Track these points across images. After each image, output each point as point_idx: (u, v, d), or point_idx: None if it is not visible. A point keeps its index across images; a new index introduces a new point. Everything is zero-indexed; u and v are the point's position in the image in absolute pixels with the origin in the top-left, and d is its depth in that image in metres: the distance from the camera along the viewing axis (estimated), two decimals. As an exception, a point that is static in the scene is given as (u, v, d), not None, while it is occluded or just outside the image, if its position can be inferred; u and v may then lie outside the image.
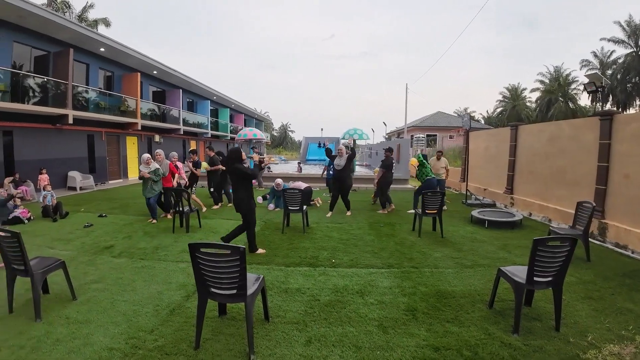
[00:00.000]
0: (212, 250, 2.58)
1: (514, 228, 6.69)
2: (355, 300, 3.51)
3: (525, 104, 44.02)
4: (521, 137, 8.83)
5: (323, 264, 4.58)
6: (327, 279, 4.07)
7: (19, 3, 9.74)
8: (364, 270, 4.36)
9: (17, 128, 11.20)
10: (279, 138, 72.22)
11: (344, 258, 4.81)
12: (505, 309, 3.35)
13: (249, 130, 14.33)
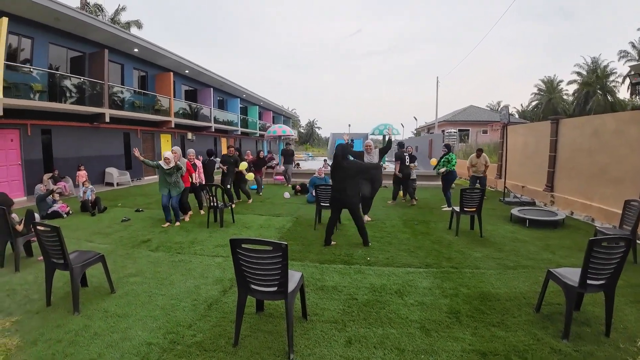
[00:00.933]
0: (253, 247, 2.53)
1: (556, 228, 6.30)
2: (395, 301, 3.38)
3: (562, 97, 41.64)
4: (562, 131, 8.30)
5: (358, 262, 4.46)
6: (364, 278, 3.96)
7: (55, 6, 10.16)
8: (401, 270, 4.21)
9: (55, 127, 11.73)
10: (305, 135, 72.51)
11: (379, 256, 4.67)
12: (553, 313, 3.13)
13: (278, 127, 14.42)
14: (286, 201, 9.01)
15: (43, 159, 11.31)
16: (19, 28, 10.41)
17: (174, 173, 6.30)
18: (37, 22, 10.94)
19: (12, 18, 9.67)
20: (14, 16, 9.93)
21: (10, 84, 9.58)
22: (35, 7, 9.85)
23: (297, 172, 13.48)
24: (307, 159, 27.31)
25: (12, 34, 10.21)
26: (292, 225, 6.42)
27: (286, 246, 2.40)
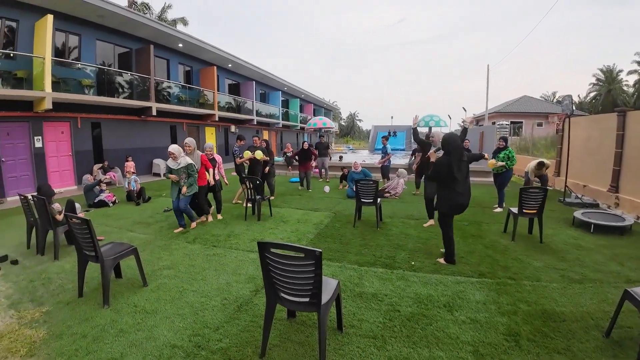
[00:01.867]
0: (283, 252, 2.27)
1: (623, 234, 5.44)
2: (443, 316, 2.96)
3: (622, 88, 37.26)
4: (630, 125, 7.19)
5: (401, 266, 4.06)
6: (407, 285, 3.56)
7: (98, 2, 10.51)
8: (450, 278, 3.74)
9: (105, 120, 12.30)
10: (346, 127, 71.82)
11: (425, 261, 4.22)
12: (624, 339, 2.60)
13: (318, 119, 14.17)
14: (325, 195, 8.73)
15: (93, 151, 11.95)
16: (65, 25, 10.94)
17: (183, 172, 5.36)
18: (83, 19, 11.42)
19: (58, 15, 10.16)
20: (60, 14, 10.41)
21: (59, 79, 10.14)
22: (78, 4, 10.27)
23: (339, 164, 13.09)
24: (348, 151, 26.81)
25: (59, 31, 10.80)
26: (331, 221, 6.12)
27: (320, 254, 2.10)
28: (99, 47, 12.37)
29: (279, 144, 27.26)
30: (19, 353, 2.54)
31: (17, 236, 5.53)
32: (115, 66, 13.12)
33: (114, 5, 11.13)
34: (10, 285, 3.75)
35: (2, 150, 9.29)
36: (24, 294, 3.55)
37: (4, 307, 3.27)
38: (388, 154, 9.75)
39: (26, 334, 2.77)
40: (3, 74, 8.99)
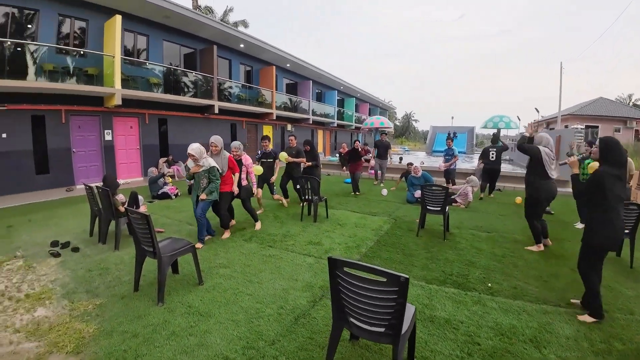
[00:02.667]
0: (358, 272, 1.94)
1: None
2: (531, 353, 2.45)
3: None
4: None
5: (476, 288, 3.53)
6: (485, 312, 3.05)
7: (163, 3, 11.02)
8: (535, 307, 3.16)
9: (171, 116, 12.97)
10: (401, 127, 69.83)
11: (503, 283, 3.65)
12: None
13: (375, 119, 13.69)
14: (383, 199, 8.29)
15: (159, 145, 12.68)
16: (134, 26, 11.63)
17: (204, 177, 4.57)
18: (150, 20, 12.07)
19: (126, 16, 10.79)
20: (127, 14, 11.05)
21: (128, 77, 10.81)
22: (146, 5, 10.83)
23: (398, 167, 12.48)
24: (403, 152, 25.85)
25: (128, 32, 11.47)
26: (391, 227, 5.70)
27: (407, 281, 1.76)
28: (165, 47, 13.06)
29: (333, 144, 27.11)
30: (65, 349, 2.50)
31: (81, 224, 5.83)
32: (181, 66, 13.79)
33: (179, 6, 11.64)
34: (67, 274, 3.86)
35: (74, 142, 10.13)
36: (80, 283, 3.61)
37: (58, 297, 3.31)
38: (455, 156, 9.02)
39: (76, 328, 2.75)
40: (76, 71, 9.75)
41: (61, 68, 9.39)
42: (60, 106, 9.69)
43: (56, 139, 9.70)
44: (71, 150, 10.05)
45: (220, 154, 4.95)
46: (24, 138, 9.08)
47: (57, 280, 3.69)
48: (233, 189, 5.04)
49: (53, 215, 6.61)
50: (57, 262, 4.20)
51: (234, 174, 5.10)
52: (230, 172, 5.03)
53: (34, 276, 3.79)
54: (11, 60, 8.41)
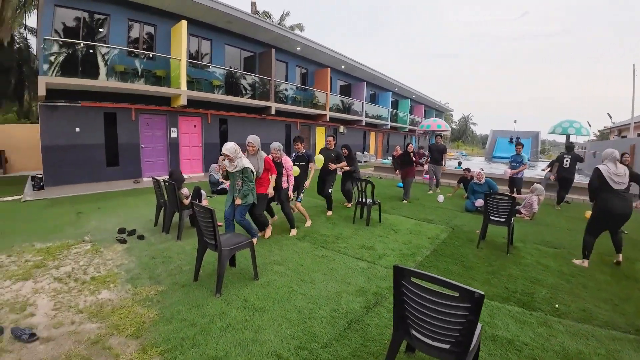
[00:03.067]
0: (426, 283, 1.84)
1: None
2: None
3: None
4: None
5: (542, 308, 3.22)
6: (551, 335, 2.77)
7: (226, 9, 11.58)
8: (603, 332, 2.82)
9: (231, 117, 13.65)
10: (458, 131, 66.71)
11: (571, 305, 3.30)
12: None
13: (432, 121, 13.15)
14: (439, 205, 7.92)
15: (219, 143, 13.37)
16: (198, 31, 12.35)
17: (238, 177, 4.41)
18: (214, 26, 12.75)
19: (191, 22, 11.50)
20: (193, 20, 11.77)
21: (193, 79, 11.53)
22: (210, 11, 11.47)
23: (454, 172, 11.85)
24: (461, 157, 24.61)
25: (192, 36, 12.23)
26: (448, 236, 5.42)
27: (481, 297, 1.63)
28: (227, 51, 13.74)
29: (385, 146, 26.64)
30: (125, 332, 2.64)
31: (147, 213, 6.28)
32: (241, 69, 14.41)
33: (241, 11, 12.17)
34: (132, 260, 4.13)
35: (142, 138, 11.02)
36: (144, 269, 3.84)
37: (123, 281, 3.54)
38: (524, 164, 8.26)
39: (137, 312, 2.91)
40: (145, 73, 10.60)
41: (131, 69, 10.28)
42: (131, 105, 10.60)
43: (126, 134, 10.65)
44: (139, 145, 10.96)
45: (257, 154, 4.75)
46: (97, 133, 10.07)
47: (122, 265, 3.98)
48: (268, 191, 4.78)
49: (121, 205, 7.22)
50: (123, 248, 4.54)
51: (271, 175, 4.83)
52: (267, 173, 4.78)
53: (101, 260, 4.12)
54: (84, 61, 9.33)
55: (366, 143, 23.86)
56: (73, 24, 9.85)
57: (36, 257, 4.14)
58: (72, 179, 9.61)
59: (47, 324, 2.75)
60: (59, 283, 3.48)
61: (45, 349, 2.43)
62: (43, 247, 4.49)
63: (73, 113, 9.57)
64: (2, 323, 2.72)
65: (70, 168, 9.56)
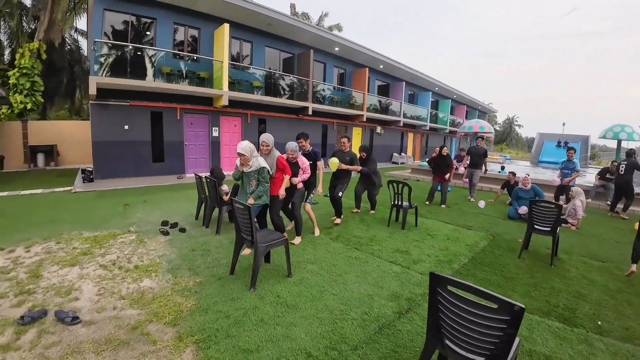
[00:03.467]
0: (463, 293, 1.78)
1: None
2: None
3: None
4: None
5: (584, 324, 3.02)
6: (591, 353, 2.59)
7: (268, 12, 11.83)
8: None
9: (269, 117, 13.97)
10: (501, 133, 63.57)
11: (614, 323, 3.07)
12: None
13: (474, 122, 12.58)
14: (479, 211, 7.58)
15: (258, 142, 13.72)
16: (240, 34, 12.71)
17: (253, 178, 4.13)
18: (255, 28, 13.06)
19: (233, 25, 11.85)
20: (235, 23, 12.14)
21: (234, 80, 11.91)
22: (252, 14, 11.78)
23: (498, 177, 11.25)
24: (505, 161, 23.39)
25: (234, 39, 12.63)
26: (488, 244, 5.18)
27: (522, 311, 1.55)
28: (267, 53, 14.06)
29: (423, 148, 25.98)
30: (163, 319, 2.77)
31: (189, 208, 6.56)
32: (280, 70, 14.67)
33: (281, 14, 12.39)
34: (174, 251, 4.35)
35: (186, 136, 11.55)
36: (184, 261, 4.02)
37: (164, 271, 3.73)
38: (577, 170, 7.68)
39: (176, 301, 3.06)
40: (188, 74, 11.10)
41: (177, 71, 10.79)
42: (176, 104, 11.15)
43: (171, 132, 11.21)
44: (183, 143, 11.50)
45: (271, 153, 4.52)
46: (144, 130, 10.69)
47: (164, 255, 4.20)
48: (279, 192, 4.45)
49: (164, 198, 7.60)
50: (165, 240, 4.78)
51: (285, 175, 4.54)
52: (280, 173, 4.51)
53: (144, 250, 4.37)
54: (132, 63, 9.92)
55: (404, 144, 23.38)
56: (121, 27, 10.50)
57: (84, 245, 4.46)
58: (120, 172, 10.27)
59: (90, 308, 2.95)
60: (104, 270, 3.73)
61: (87, 332, 2.61)
62: (91, 236, 4.84)
63: (122, 111, 10.22)
64: (47, 306, 2.94)
65: (118, 162, 10.21)
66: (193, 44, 11.90)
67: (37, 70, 14.45)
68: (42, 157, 13.90)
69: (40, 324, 2.68)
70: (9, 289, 3.22)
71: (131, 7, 10.28)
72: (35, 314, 2.76)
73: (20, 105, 14.10)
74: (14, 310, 2.86)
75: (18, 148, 13.75)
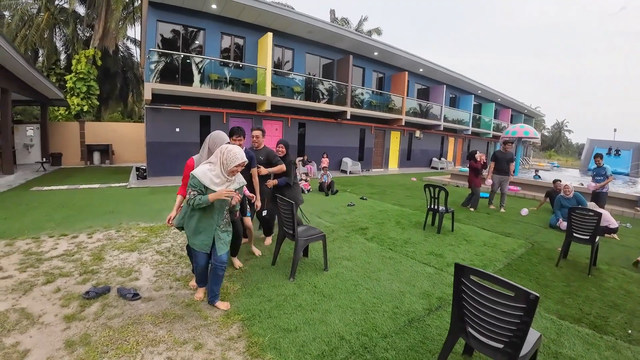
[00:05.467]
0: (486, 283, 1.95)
1: None
2: None
3: None
4: None
5: (614, 332, 3.00)
6: (618, 359, 2.61)
7: (309, 20, 12.29)
8: None
9: (309, 121, 14.45)
10: (550, 139, 59.93)
11: None
12: None
13: (519, 127, 12.09)
14: (520, 219, 7.41)
15: (297, 145, 14.23)
16: (282, 41, 13.27)
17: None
18: (296, 36, 13.57)
19: (276, 33, 12.48)
20: (278, 32, 12.74)
21: (276, 86, 12.49)
22: (293, 23, 12.30)
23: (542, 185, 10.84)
24: (552, 169, 22.14)
25: (277, 47, 13.23)
26: (526, 252, 5.12)
27: (536, 299, 1.71)
28: (307, 59, 14.55)
29: (465, 153, 25.22)
30: None
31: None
32: (320, 75, 15.09)
33: (321, 21, 12.81)
34: None
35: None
36: None
37: None
38: (609, 176, 7.37)
39: (224, 285, 3.40)
40: (234, 80, 11.82)
41: (223, 78, 11.54)
42: (222, 109, 11.90)
43: (218, 136, 12.04)
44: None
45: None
46: (194, 132, 11.53)
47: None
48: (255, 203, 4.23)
49: (213, 195, 8.23)
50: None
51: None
52: None
53: None
54: (183, 70, 10.74)
55: (444, 149, 22.92)
56: (172, 37, 11.42)
57: (141, 234, 5.00)
58: (171, 171, 11.12)
59: (149, 287, 3.37)
60: (160, 256, 4.19)
61: (146, 306, 3.00)
62: (147, 226, 5.39)
63: (174, 115, 11.11)
64: (110, 284, 3.39)
65: (170, 162, 11.06)
66: (238, 52, 12.61)
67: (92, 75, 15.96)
68: (98, 155, 15.32)
69: (103, 299, 3.09)
70: (74, 269, 3.70)
71: (182, 18, 11.16)
72: (99, 290, 3.17)
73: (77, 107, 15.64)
74: (79, 287, 3.29)
75: (75, 146, 15.25)
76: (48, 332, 2.58)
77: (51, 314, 2.82)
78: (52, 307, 2.93)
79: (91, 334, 2.56)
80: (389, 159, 18.67)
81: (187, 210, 2.88)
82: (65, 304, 2.98)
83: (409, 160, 19.90)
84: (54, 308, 2.92)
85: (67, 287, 3.32)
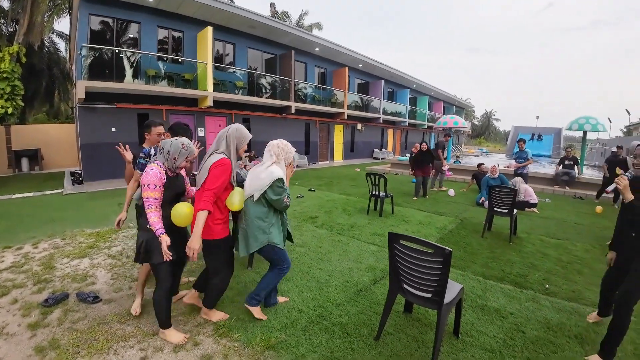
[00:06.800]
0: (412, 245, 2.35)
1: None
2: (572, 347, 2.59)
3: None
4: None
5: (533, 287, 3.63)
6: (537, 308, 3.18)
7: (250, 15, 12.34)
8: (589, 310, 3.17)
9: (253, 116, 14.42)
10: (480, 127, 65.59)
11: (562, 287, 3.68)
12: None
13: (449, 118, 13.34)
14: (451, 199, 8.32)
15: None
16: (223, 36, 13.14)
17: None
18: (237, 30, 13.51)
19: (217, 27, 12.29)
20: (218, 26, 12.57)
21: (218, 81, 12.33)
22: (234, 17, 12.24)
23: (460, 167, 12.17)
24: (481, 154, 24.47)
25: (217, 41, 13.03)
26: (456, 227, 5.85)
27: (450, 253, 2.12)
28: (250, 54, 14.51)
29: (403, 143, 26.85)
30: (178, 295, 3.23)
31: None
32: (263, 70, 15.13)
33: (263, 16, 12.87)
34: None
35: None
36: None
37: None
38: (529, 159, 8.52)
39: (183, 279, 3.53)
40: (173, 76, 11.46)
41: (162, 73, 11.12)
42: (162, 106, 11.45)
43: (158, 134, 11.58)
44: (171, 143, 11.90)
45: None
46: (131, 132, 10.92)
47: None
48: None
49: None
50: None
51: None
52: None
53: None
54: (118, 66, 10.20)
55: (384, 140, 24.18)
56: (106, 32, 10.77)
57: (88, 240, 4.83)
58: (109, 174, 10.51)
59: (107, 289, 3.37)
60: (113, 259, 4.14)
61: (109, 307, 3.03)
62: (93, 232, 5.21)
63: (109, 114, 10.48)
64: (67, 290, 3.32)
65: (108, 164, 10.44)
66: (177, 46, 12.21)
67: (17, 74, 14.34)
68: (27, 161, 13.92)
69: (63, 305, 3.05)
70: (26, 279, 3.57)
71: (116, 12, 10.57)
72: (58, 297, 3.11)
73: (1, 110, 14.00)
74: (36, 296, 3.21)
75: (2, 153, 13.73)
76: (15, 341, 2.55)
77: (14, 324, 2.77)
78: (13, 318, 2.86)
79: (59, 338, 2.57)
80: (334, 151, 19.30)
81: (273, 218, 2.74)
82: (25, 314, 2.92)
83: (352, 152, 20.72)
84: (16, 318, 2.86)
85: (24, 297, 3.22)
